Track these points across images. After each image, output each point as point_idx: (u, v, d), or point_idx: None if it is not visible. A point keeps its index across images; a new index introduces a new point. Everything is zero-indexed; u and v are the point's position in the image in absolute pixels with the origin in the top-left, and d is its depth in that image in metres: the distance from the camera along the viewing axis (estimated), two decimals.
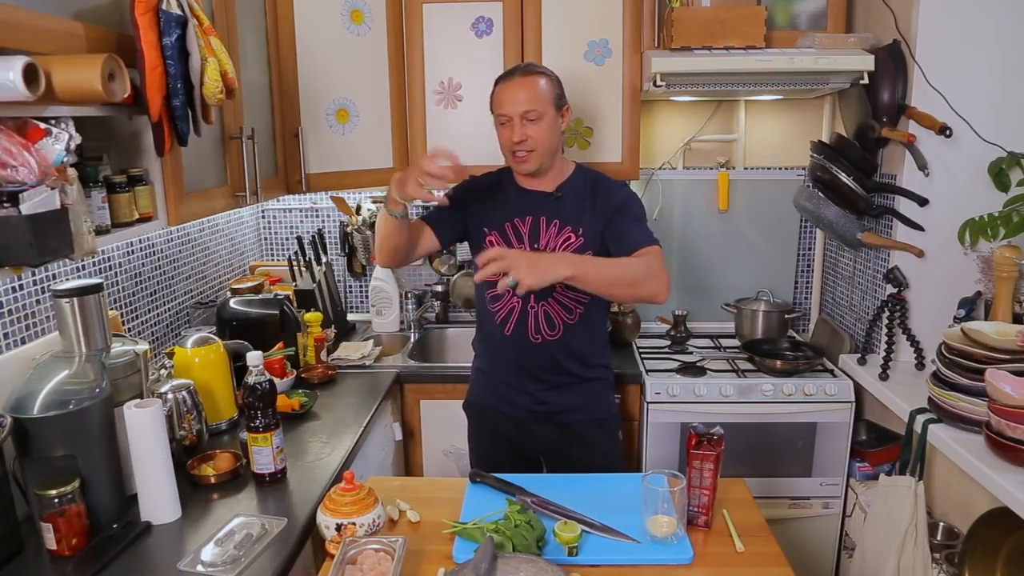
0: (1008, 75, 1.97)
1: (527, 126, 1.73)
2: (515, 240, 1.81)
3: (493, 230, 1.83)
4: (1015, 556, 1.61)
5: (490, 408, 1.94)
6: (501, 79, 1.80)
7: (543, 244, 1.80)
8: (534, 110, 1.72)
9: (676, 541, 1.31)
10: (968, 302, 2.00)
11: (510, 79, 1.77)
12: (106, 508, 1.35)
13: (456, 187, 1.90)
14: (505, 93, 1.75)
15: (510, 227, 1.82)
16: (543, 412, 1.87)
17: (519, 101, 1.73)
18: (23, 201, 1.10)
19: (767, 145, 2.71)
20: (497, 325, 1.85)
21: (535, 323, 1.82)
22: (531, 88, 1.74)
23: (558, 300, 1.81)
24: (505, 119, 1.75)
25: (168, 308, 2.16)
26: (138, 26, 1.26)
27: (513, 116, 1.73)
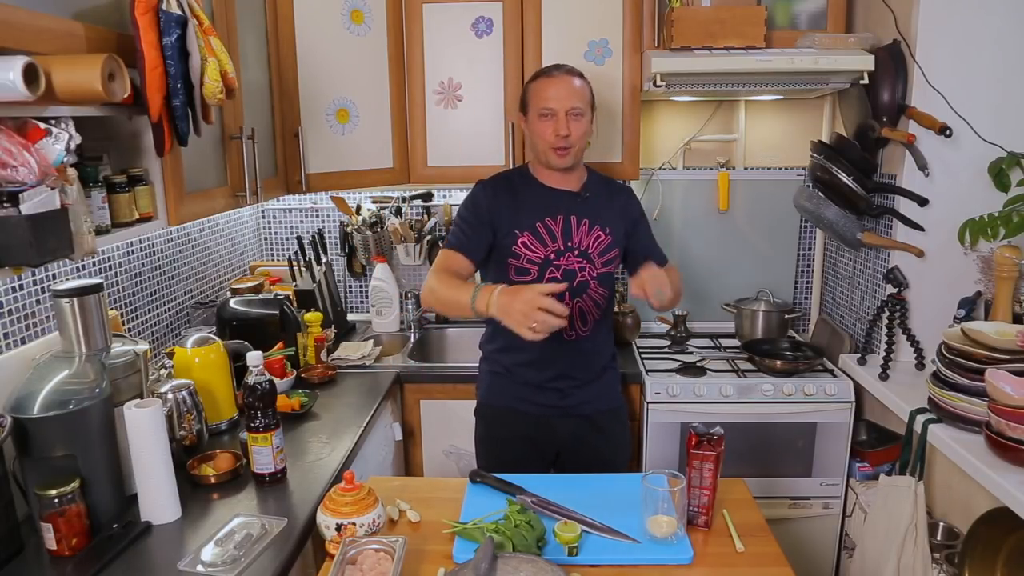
0: (1008, 75, 1.97)
1: (571, 121, 1.75)
2: (548, 239, 1.81)
3: (525, 231, 1.81)
4: (1015, 556, 1.61)
5: (509, 409, 1.92)
6: (542, 74, 1.81)
7: (576, 243, 1.82)
8: (578, 107, 1.76)
9: (676, 541, 1.31)
10: (968, 302, 2.00)
11: (554, 75, 1.78)
12: (106, 508, 1.35)
13: (470, 198, 1.88)
14: (550, 88, 1.77)
15: (542, 227, 1.82)
16: (566, 406, 1.88)
17: (566, 96, 1.75)
18: (23, 201, 1.10)
19: (767, 145, 2.71)
20: None
21: (570, 321, 1.81)
22: (575, 86, 1.78)
23: (591, 297, 1.84)
24: (549, 112, 1.76)
25: (168, 308, 2.16)
26: (138, 26, 1.26)
27: (559, 111, 1.75)
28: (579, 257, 1.83)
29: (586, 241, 1.83)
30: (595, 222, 1.84)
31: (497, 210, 1.83)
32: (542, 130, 1.78)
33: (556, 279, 1.79)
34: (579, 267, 1.83)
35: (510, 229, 1.82)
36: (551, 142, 1.78)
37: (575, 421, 1.90)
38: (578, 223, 1.83)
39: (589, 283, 1.84)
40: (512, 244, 1.82)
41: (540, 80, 1.81)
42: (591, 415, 1.91)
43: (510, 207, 1.83)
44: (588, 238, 1.83)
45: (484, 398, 1.98)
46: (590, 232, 1.83)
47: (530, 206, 1.84)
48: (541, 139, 1.80)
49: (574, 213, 1.83)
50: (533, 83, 1.82)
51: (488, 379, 1.97)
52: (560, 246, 1.82)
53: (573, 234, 1.82)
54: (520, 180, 1.89)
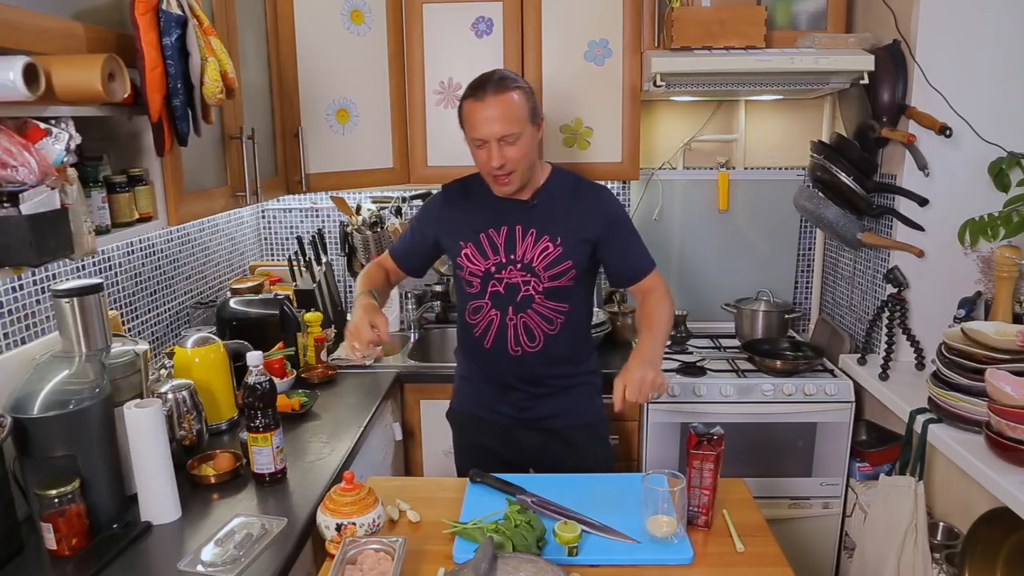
0: (1008, 75, 1.97)
1: (505, 149, 1.61)
2: (490, 251, 1.73)
3: (468, 242, 1.74)
4: (1015, 556, 1.61)
5: (475, 416, 1.88)
6: (470, 95, 1.64)
7: (519, 255, 1.71)
8: (511, 133, 1.60)
9: (676, 541, 1.31)
10: (968, 302, 2.00)
11: (481, 98, 1.61)
12: (106, 508, 1.35)
13: (422, 209, 1.89)
14: (478, 114, 1.61)
15: (484, 238, 1.73)
16: (527, 419, 1.82)
17: (494, 125, 1.60)
18: (23, 201, 1.10)
19: (767, 145, 2.71)
20: (477, 338, 1.79)
21: (515, 335, 1.75)
22: (505, 108, 1.60)
23: (537, 311, 1.73)
24: (480, 143, 1.63)
25: (168, 308, 2.16)
26: (138, 26, 1.26)
27: (490, 140, 1.61)
28: (522, 271, 1.71)
29: (530, 254, 1.71)
30: (543, 232, 1.71)
31: (445, 220, 1.81)
32: (478, 158, 1.67)
33: (498, 293, 1.73)
34: (522, 280, 1.71)
35: (455, 239, 1.76)
36: (487, 171, 1.67)
37: (542, 435, 1.82)
38: (524, 234, 1.71)
39: (534, 297, 1.72)
40: (456, 255, 1.77)
41: (468, 102, 1.64)
42: (559, 429, 1.81)
43: (457, 217, 1.78)
44: (533, 250, 1.71)
45: (453, 403, 1.95)
46: (536, 243, 1.71)
47: (474, 216, 1.76)
48: (479, 167, 1.70)
49: (520, 223, 1.72)
50: (464, 103, 1.66)
51: (457, 384, 1.94)
52: (502, 259, 1.72)
53: (517, 246, 1.72)
54: (477, 187, 1.78)
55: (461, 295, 1.83)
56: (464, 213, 1.79)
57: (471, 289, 1.77)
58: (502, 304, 1.74)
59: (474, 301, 1.77)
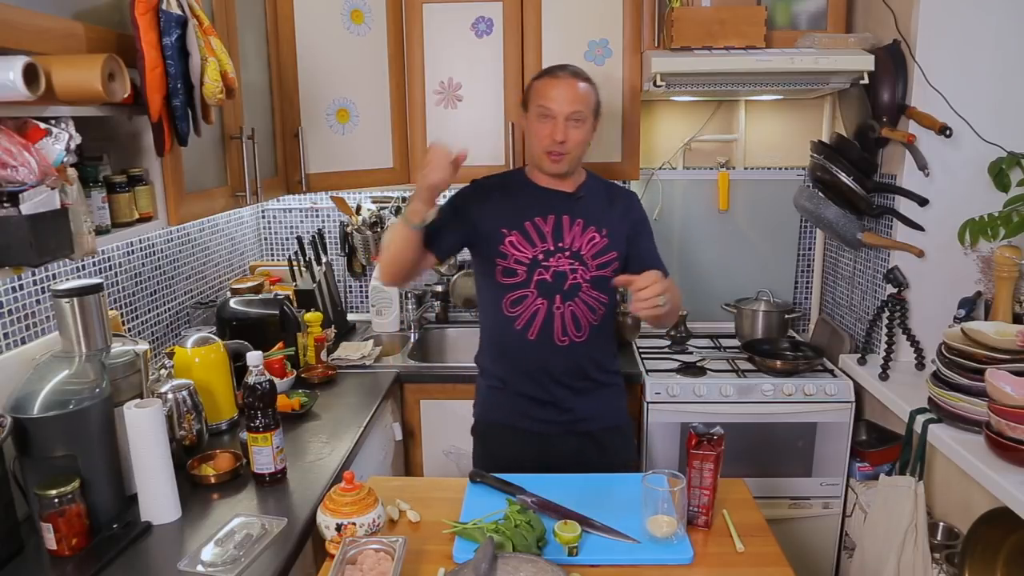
0: (1008, 75, 1.97)
1: (569, 127, 1.68)
2: (537, 239, 1.73)
3: (513, 230, 1.74)
4: (1015, 556, 1.60)
5: (507, 426, 1.82)
6: (546, 73, 1.74)
7: (567, 243, 1.74)
8: (580, 111, 1.68)
9: (676, 541, 1.31)
10: (968, 302, 2.00)
11: (559, 76, 1.71)
12: (106, 508, 1.35)
13: (457, 194, 1.83)
14: (554, 88, 1.69)
15: (531, 226, 1.74)
16: (565, 421, 1.79)
17: (568, 100, 1.67)
18: (23, 201, 1.10)
19: (767, 145, 2.71)
20: (519, 331, 1.75)
21: (562, 325, 1.74)
22: (580, 90, 1.70)
23: (584, 300, 1.74)
24: (548, 113, 1.68)
25: (168, 308, 2.16)
26: (138, 26, 1.26)
27: (558, 114, 1.67)
28: (570, 258, 1.73)
29: (578, 242, 1.74)
30: (590, 223, 1.76)
31: (485, 208, 1.77)
32: (538, 131, 1.71)
33: (545, 281, 1.72)
34: (570, 268, 1.73)
35: (497, 228, 1.74)
36: (545, 145, 1.71)
37: (577, 440, 1.80)
38: (571, 223, 1.75)
39: (581, 285, 1.74)
40: (499, 243, 1.74)
41: (544, 79, 1.74)
42: (594, 432, 1.81)
43: (499, 206, 1.77)
44: (581, 239, 1.75)
45: (481, 415, 1.89)
46: (583, 233, 1.75)
47: (519, 205, 1.77)
48: (537, 140, 1.73)
49: (566, 213, 1.75)
50: (537, 81, 1.75)
51: (485, 395, 1.88)
52: (550, 246, 1.73)
53: (564, 234, 1.74)
54: (514, 182, 1.83)
55: (495, 289, 1.77)
56: (506, 203, 1.77)
57: (514, 279, 1.73)
58: (549, 292, 1.73)
59: (516, 292, 1.75)
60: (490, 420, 1.86)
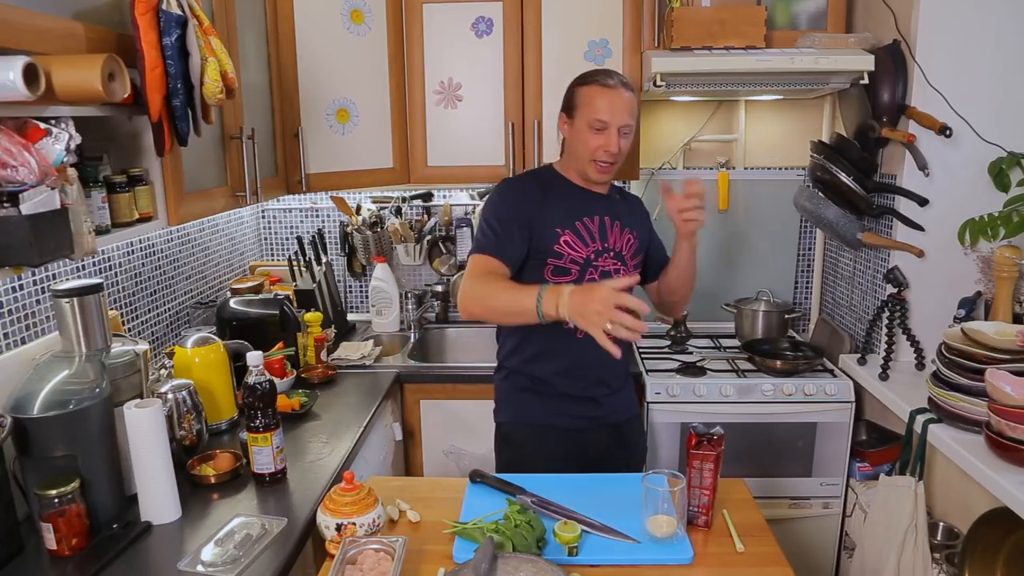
0: (1008, 75, 1.97)
1: (621, 139, 1.68)
2: (588, 239, 1.73)
3: (566, 229, 1.71)
4: (1015, 556, 1.60)
5: (544, 426, 1.79)
6: (597, 81, 1.69)
7: (611, 244, 1.75)
8: (630, 124, 1.69)
9: (676, 541, 1.31)
10: (968, 302, 2.00)
11: (611, 86, 1.68)
12: (106, 508, 1.35)
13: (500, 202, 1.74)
14: (607, 99, 1.66)
15: (581, 225, 1.73)
16: (599, 416, 1.81)
17: (621, 111, 1.66)
18: (23, 201, 1.10)
19: (767, 145, 2.71)
20: (567, 330, 1.69)
21: None
22: (631, 102, 1.69)
23: None
24: (602, 125, 1.66)
25: (168, 308, 2.16)
26: (138, 26, 1.26)
27: (612, 126, 1.66)
28: (614, 259, 1.76)
29: (620, 242, 1.77)
30: (626, 224, 1.79)
31: (535, 207, 1.72)
32: (589, 140, 1.69)
33: (594, 280, 1.69)
34: (615, 269, 1.75)
35: (550, 227, 1.70)
36: (598, 156, 1.69)
37: (605, 432, 1.82)
38: (611, 224, 1.76)
39: None
40: (553, 243, 1.70)
41: (593, 87, 1.69)
42: (619, 424, 1.84)
43: (546, 204, 1.73)
44: (621, 240, 1.77)
45: (513, 417, 1.83)
46: (622, 234, 1.77)
47: (568, 204, 1.75)
48: (586, 149, 1.70)
49: (607, 214, 1.76)
50: (585, 88, 1.71)
51: (515, 397, 1.82)
52: (599, 246, 1.74)
53: (608, 235, 1.75)
54: (553, 181, 1.79)
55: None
56: (554, 202, 1.74)
57: (566, 277, 1.70)
58: None
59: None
60: (524, 422, 1.82)
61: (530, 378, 1.80)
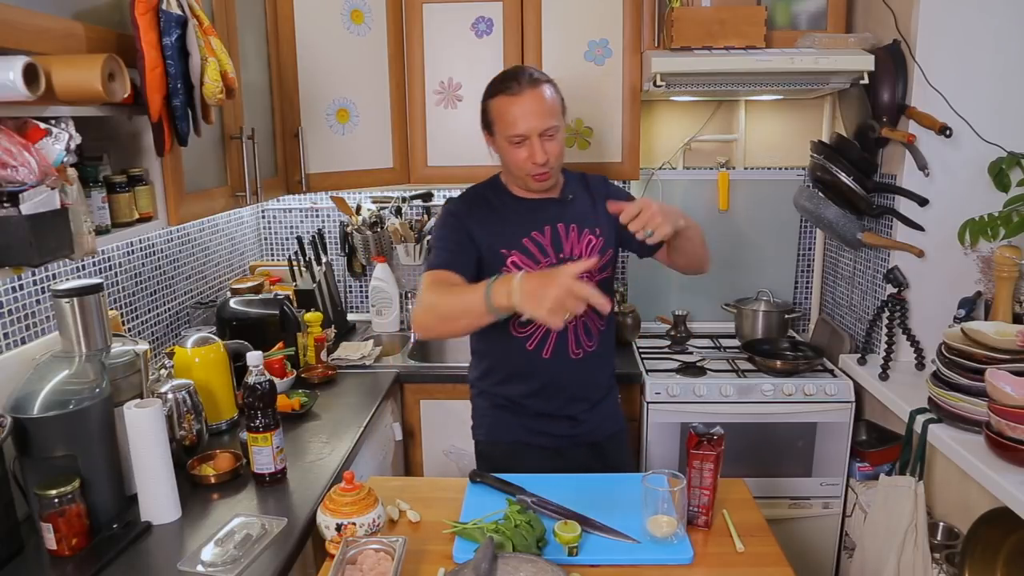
0: (1008, 75, 1.97)
1: (546, 144, 1.58)
2: (539, 255, 1.65)
3: (512, 249, 1.65)
4: (1015, 556, 1.61)
5: (520, 444, 1.75)
6: (503, 91, 1.59)
7: (567, 252, 1.67)
8: (552, 125, 1.58)
9: (676, 541, 1.31)
10: (968, 302, 2.00)
11: (518, 92, 1.57)
12: (106, 508, 1.35)
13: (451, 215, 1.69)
14: (517, 108, 1.57)
15: (529, 242, 1.66)
16: (579, 433, 1.75)
17: (534, 119, 1.56)
18: (23, 201, 1.10)
19: (767, 145, 2.71)
20: (531, 351, 1.68)
21: (575, 338, 1.69)
22: (544, 101, 1.57)
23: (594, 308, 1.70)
24: (520, 138, 1.58)
25: (168, 308, 2.16)
26: (138, 26, 1.26)
27: (531, 135, 1.57)
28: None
29: (578, 248, 1.68)
30: (584, 226, 1.69)
31: (479, 229, 1.65)
32: (514, 156, 1.60)
33: None
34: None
35: (495, 250, 1.64)
36: (528, 170, 1.60)
37: (584, 450, 1.77)
38: (566, 231, 1.67)
39: None
40: (500, 266, 1.64)
41: (502, 99, 1.59)
42: (600, 442, 1.78)
43: (491, 224, 1.66)
44: (580, 244, 1.68)
45: (488, 435, 1.80)
46: (580, 238, 1.68)
47: (513, 221, 1.67)
48: (515, 165, 1.62)
49: (560, 221, 1.68)
50: (494, 101, 1.61)
51: (490, 414, 1.78)
52: (553, 259, 1.65)
53: (563, 243, 1.67)
54: (494, 195, 1.71)
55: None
56: (498, 222, 1.67)
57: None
58: None
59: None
60: (499, 440, 1.78)
61: (506, 398, 1.76)
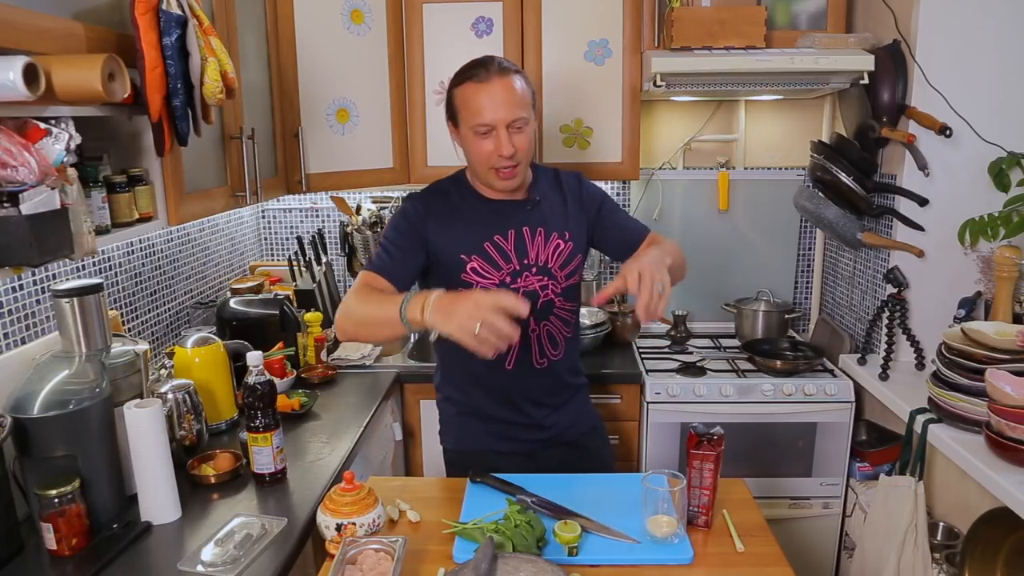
0: (1008, 75, 1.97)
1: (514, 136, 1.49)
2: (501, 260, 1.58)
3: (472, 254, 1.56)
4: (1015, 556, 1.61)
5: (488, 451, 1.70)
6: (470, 78, 1.49)
7: (533, 258, 1.59)
8: (521, 117, 1.48)
9: (676, 541, 1.31)
10: (968, 302, 2.00)
11: (485, 80, 1.48)
12: (106, 508, 1.35)
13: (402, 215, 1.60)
14: (484, 96, 1.47)
15: (491, 247, 1.57)
16: (548, 437, 1.71)
17: (502, 109, 1.47)
18: (23, 201, 1.10)
19: (767, 145, 2.71)
20: (494, 363, 1.51)
21: (539, 347, 1.64)
22: (513, 91, 1.48)
23: (558, 315, 1.63)
24: (487, 128, 1.48)
25: (168, 308, 2.16)
26: (138, 26, 1.26)
27: (498, 126, 1.47)
28: (539, 274, 1.59)
29: (543, 254, 1.60)
30: (551, 230, 1.61)
31: (437, 232, 1.57)
32: (478, 149, 1.50)
33: None
34: (540, 286, 1.60)
35: (455, 254, 1.56)
36: (492, 163, 1.51)
37: (560, 451, 1.72)
38: (532, 235, 1.59)
39: (554, 301, 1.62)
40: (460, 272, 1.56)
41: (468, 86, 1.49)
42: (576, 440, 1.74)
43: (450, 227, 1.57)
44: (546, 250, 1.60)
45: (456, 443, 1.74)
46: (547, 243, 1.60)
47: (474, 224, 1.58)
48: (479, 158, 1.52)
49: (526, 224, 1.59)
50: (460, 89, 1.51)
51: (456, 421, 1.73)
52: (515, 266, 1.57)
53: (528, 249, 1.59)
54: (457, 193, 1.62)
55: None
56: (458, 224, 1.59)
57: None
58: None
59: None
60: (467, 449, 1.73)
61: (470, 406, 1.71)
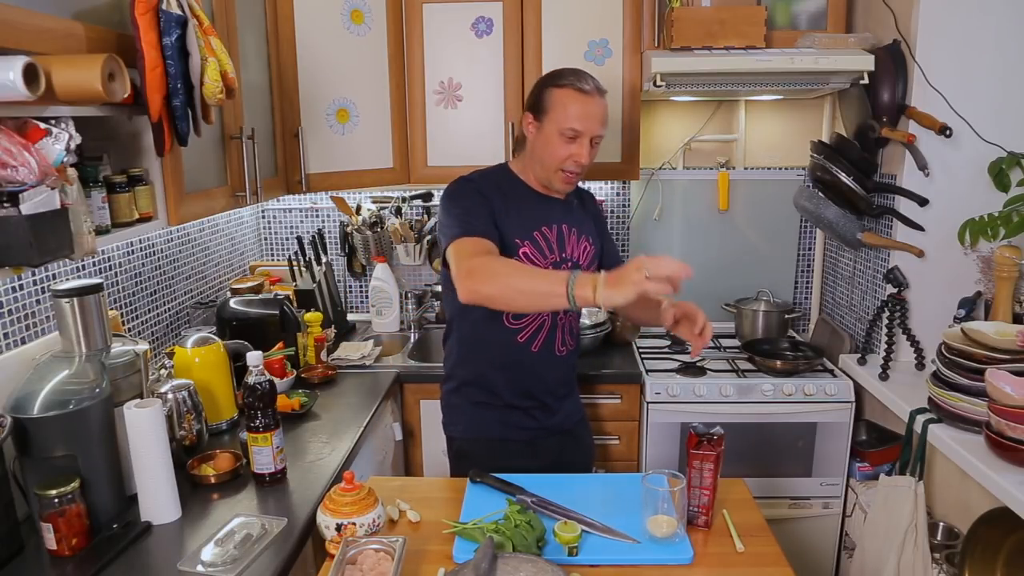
0: (1008, 75, 1.97)
1: (592, 149, 1.62)
2: (547, 250, 1.67)
3: (525, 240, 1.65)
4: (1015, 556, 1.61)
5: (496, 439, 1.76)
6: (574, 84, 1.59)
7: (569, 253, 1.70)
8: (601, 135, 1.62)
9: (676, 541, 1.31)
10: (968, 302, 2.00)
11: (589, 92, 1.58)
12: (106, 508, 1.35)
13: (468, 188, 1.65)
14: (582, 106, 1.58)
15: (539, 236, 1.66)
16: (550, 425, 1.79)
17: (597, 122, 1.59)
18: (23, 201, 1.10)
19: (767, 145, 2.71)
20: (521, 344, 1.69)
21: (562, 336, 1.74)
22: (606, 111, 1.62)
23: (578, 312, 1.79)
24: (575, 134, 1.58)
25: (168, 308, 2.16)
26: (138, 26, 1.26)
27: (585, 135, 1.58)
28: (572, 269, 1.63)
29: (577, 251, 1.72)
30: (582, 232, 1.74)
31: (498, 209, 1.63)
32: (558, 148, 1.60)
33: None
34: None
35: (511, 236, 1.63)
36: (566, 165, 1.61)
37: (558, 439, 1.81)
38: (568, 233, 1.71)
39: None
40: (513, 254, 1.63)
41: (568, 91, 1.59)
42: (571, 428, 1.84)
43: (508, 211, 1.64)
44: (578, 248, 1.72)
45: (467, 432, 1.79)
46: (579, 242, 1.73)
47: (525, 212, 1.67)
48: (554, 158, 1.61)
49: (565, 222, 1.71)
50: (559, 91, 1.60)
51: (468, 410, 1.78)
52: (557, 257, 1.68)
53: (566, 244, 1.70)
54: (506, 182, 1.70)
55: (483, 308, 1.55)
56: (512, 210, 1.65)
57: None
58: None
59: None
60: (477, 436, 1.78)
61: (482, 389, 1.76)
